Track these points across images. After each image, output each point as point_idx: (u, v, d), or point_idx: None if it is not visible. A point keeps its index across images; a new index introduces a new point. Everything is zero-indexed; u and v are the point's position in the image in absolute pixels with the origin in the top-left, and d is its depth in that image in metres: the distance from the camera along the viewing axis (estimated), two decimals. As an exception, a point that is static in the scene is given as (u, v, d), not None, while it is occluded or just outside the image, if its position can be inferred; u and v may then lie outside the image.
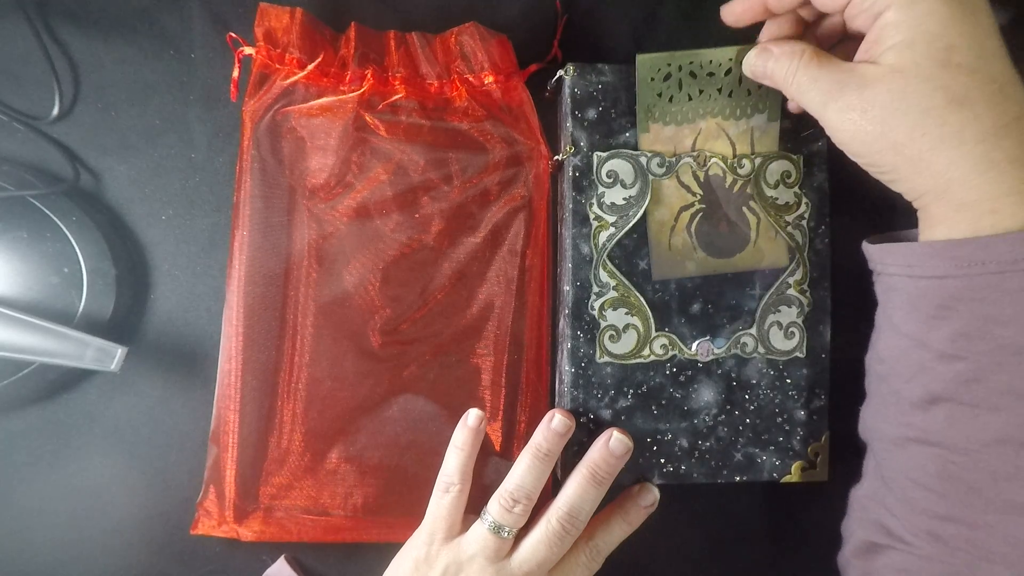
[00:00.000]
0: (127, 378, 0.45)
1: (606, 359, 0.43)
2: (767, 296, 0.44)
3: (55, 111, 0.44)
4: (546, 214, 0.45)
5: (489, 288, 0.45)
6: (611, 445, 0.41)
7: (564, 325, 0.44)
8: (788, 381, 0.44)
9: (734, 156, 0.44)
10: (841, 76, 0.34)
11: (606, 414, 0.43)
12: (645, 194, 0.43)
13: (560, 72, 0.44)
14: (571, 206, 0.43)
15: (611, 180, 0.43)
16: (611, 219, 0.43)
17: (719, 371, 0.44)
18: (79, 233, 0.43)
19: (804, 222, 0.44)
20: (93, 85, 0.45)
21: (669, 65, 0.42)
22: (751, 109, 0.43)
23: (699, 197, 0.44)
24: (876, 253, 0.37)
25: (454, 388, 0.45)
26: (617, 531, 0.42)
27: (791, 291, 0.44)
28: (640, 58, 0.42)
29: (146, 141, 0.45)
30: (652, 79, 0.42)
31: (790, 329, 0.44)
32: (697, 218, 0.44)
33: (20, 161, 0.44)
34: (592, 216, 0.43)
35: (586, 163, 0.43)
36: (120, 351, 0.40)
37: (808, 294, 0.44)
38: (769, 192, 0.44)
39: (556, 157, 0.45)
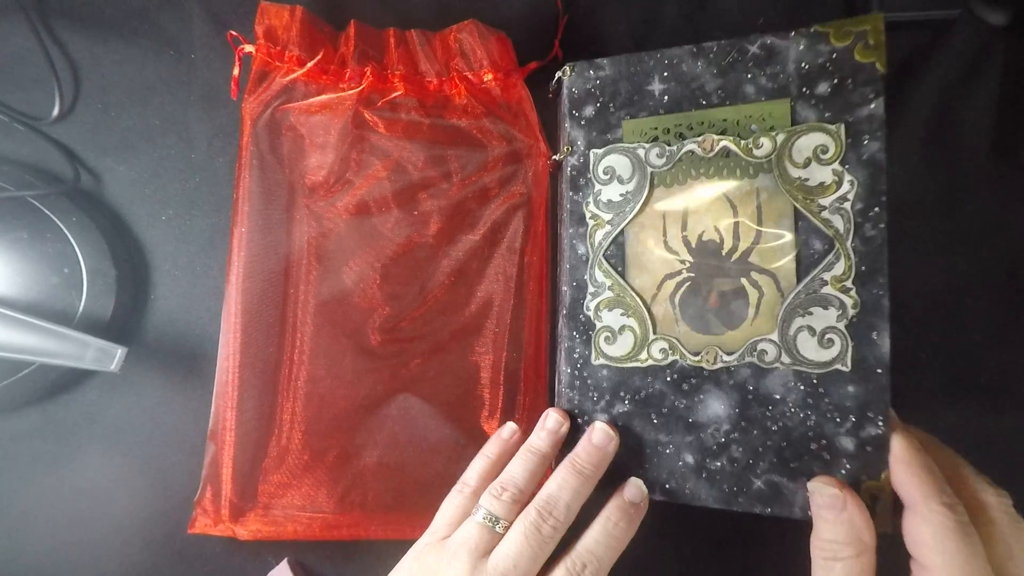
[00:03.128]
0: (127, 378, 0.45)
1: (601, 361, 0.41)
2: (791, 296, 0.37)
3: (55, 111, 0.44)
4: (545, 211, 0.45)
5: (488, 286, 0.45)
6: (593, 434, 0.39)
7: (562, 325, 0.43)
8: (826, 400, 0.37)
9: (748, 137, 0.38)
10: None
11: (602, 418, 0.41)
12: (643, 188, 0.40)
13: (558, 73, 0.44)
14: (568, 206, 0.43)
15: (608, 177, 0.41)
16: (607, 217, 0.41)
17: (730, 381, 0.39)
18: (79, 233, 0.43)
19: (847, 204, 0.37)
20: (93, 85, 0.45)
21: (655, 128, 0.40)
22: (754, 169, 0.38)
23: (687, 265, 0.39)
24: None
25: (453, 386, 0.44)
26: (599, 535, 0.37)
27: (828, 289, 0.37)
28: (625, 124, 0.41)
29: (146, 141, 0.46)
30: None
31: (827, 336, 0.37)
32: (683, 288, 0.39)
33: (20, 161, 0.44)
34: (588, 215, 0.42)
35: (583, 162, 0.42)
36: (120, 351, 0.40)
37: (854, 293, 0.36)
38: (796, 172, 0.37)
39: (554, 157, 0.44)
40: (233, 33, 0.43)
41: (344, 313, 0.44)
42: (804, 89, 0.38)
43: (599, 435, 0.40)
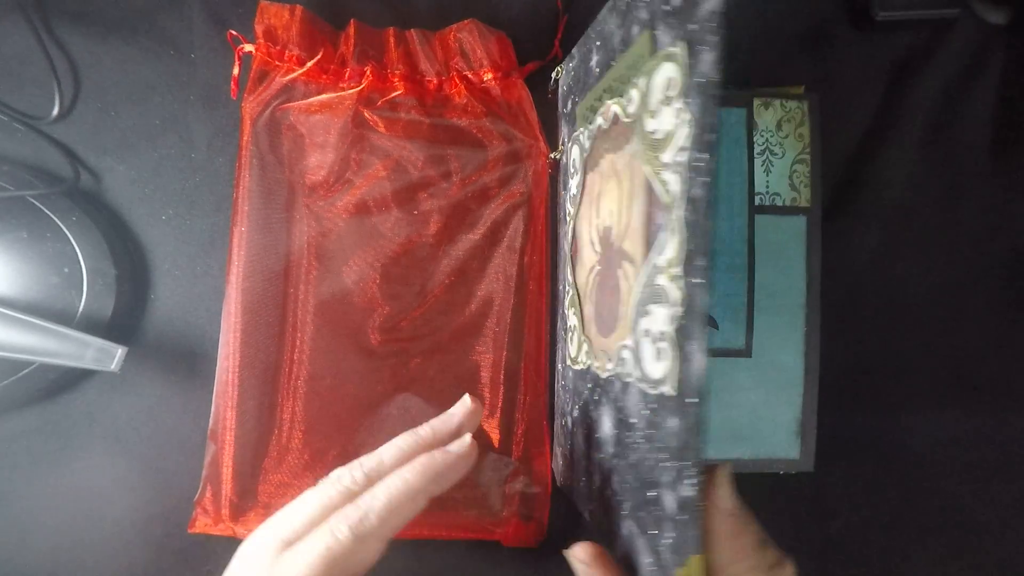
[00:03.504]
0: (127, 378, 0.45)
1: (568, 362, 0.39)
2: (637, 290, 0.28)
3: (55, 111, 0.44)
4: (545, 211, 0.45)
5: (488, 285, 0.45)
6: (459, 401, 0.35)
7: (559, 325, 0.43)
8: (657, 434, 0.26)
9: (624, 94, 0.30)
10: None
11: (569, 421, 0.39)
12: (582, 176, 0.37)
13: (553, 73, 0.44)
14: (562, 204, 0.43)
15: (574, 170, 0.39)
16: (572, 211, 0.40)
17: (611, 394, 0.31)
18: (79, 233, 0.43)
19: (684, 156, 0.24)
20: (93, 85, 0.45)
21: (587, 108, 0.35)
22: (630, 132, 0.29)
23: (599, 256, 0.32)
24: None
25: (453, 386, 0.44)
26: (389, 481, 0.30)
27: (662, 279, 0.25)
28: (577, 110, 0.38)
29: (146, 141, 0.46)
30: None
31: (659, 344, 0.26)
32: (595, 284, 0.33)
33: (20, 161, 0.44)
34: (566, 212, 0.41)
35: (566, 159, 0.42)
36: (120, 351, 0.40)
37: (683, 284, 0.24)
38: (651, 125, 0.27)
39: (551, 156, 0.44)
40: (233, 33, 0.43)
41: (344, 313, 0.43)
42: (663, 5, 0.26)
43: (458, 404, 0.35)
